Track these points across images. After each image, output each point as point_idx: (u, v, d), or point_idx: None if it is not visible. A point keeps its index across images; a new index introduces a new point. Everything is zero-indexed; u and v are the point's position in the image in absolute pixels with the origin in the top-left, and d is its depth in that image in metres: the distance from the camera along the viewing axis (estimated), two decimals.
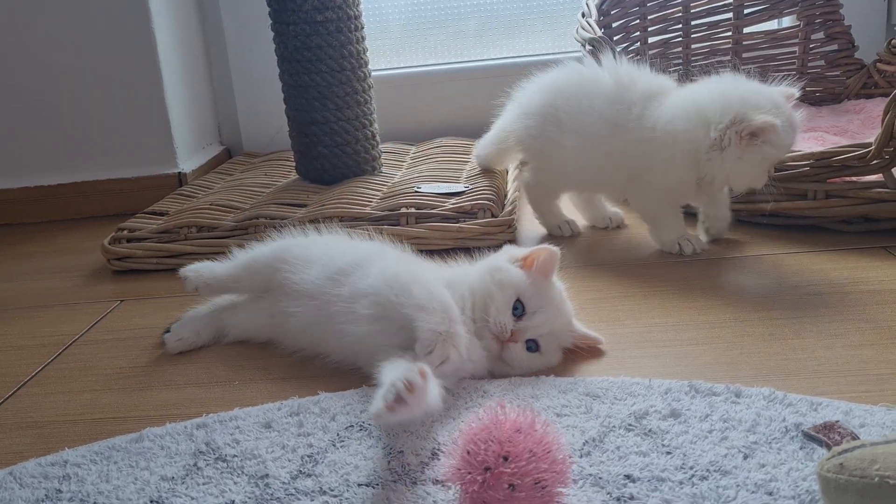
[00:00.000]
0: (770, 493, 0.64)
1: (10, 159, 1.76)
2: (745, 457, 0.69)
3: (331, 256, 0.95)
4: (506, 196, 1.43)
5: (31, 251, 1.57)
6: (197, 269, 1.04)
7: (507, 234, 1.31)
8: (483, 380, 0.86)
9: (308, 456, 0.75)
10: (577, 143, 1.21)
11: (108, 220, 1.67)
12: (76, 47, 1.69)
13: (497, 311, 0.85)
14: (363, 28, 1.56)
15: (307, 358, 0.95)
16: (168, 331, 1.03)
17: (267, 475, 0.73)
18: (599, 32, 1.49)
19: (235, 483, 0.72)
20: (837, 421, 0.69)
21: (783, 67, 1.76)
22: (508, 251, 0.92)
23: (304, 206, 1.43)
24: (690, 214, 1.28)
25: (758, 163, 1.11)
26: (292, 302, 0.94)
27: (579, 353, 0.91)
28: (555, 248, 0.88)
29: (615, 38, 1.71)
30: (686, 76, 1.84)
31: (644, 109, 1.17)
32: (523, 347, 0.86)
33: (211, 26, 1.97)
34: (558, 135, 1.23)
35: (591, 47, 1.45)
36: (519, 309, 0.86)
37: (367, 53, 1.57)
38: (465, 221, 1.31)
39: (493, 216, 1.31)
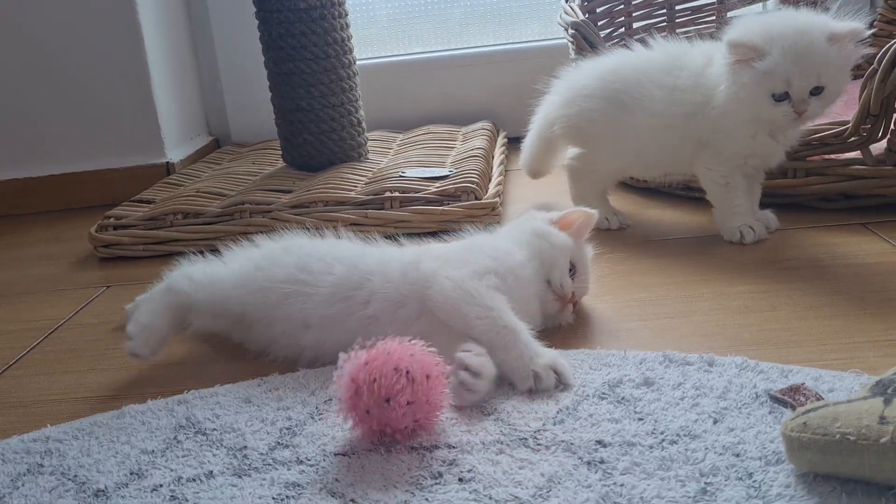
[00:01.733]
0: (737, 455, 0.65)
1: None
2: (715, 421, 0.70)
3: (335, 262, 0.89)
4: (490, 179, 1.44)
5: (19, 241, 1.58)
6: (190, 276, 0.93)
7: (491, 216, 1.32)
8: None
9: (286, 428, 0.76)
10: (642, 120, 1.16)
11: (96, 211, 1.67)
12: (63, 38, 1.70)
13: (561, 273, 0.89)
14: (347, 15, 1.56)
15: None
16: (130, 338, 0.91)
17: (245, 447, 0.74)
18: (582, 17, 1.50)
19: (214, 455, 0.73)
20: (803, 384, 0.71)
21: None
22: (539, 214, 0.96)
23: (290, 192, 1.44)
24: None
25: (746, 87, 1.04)
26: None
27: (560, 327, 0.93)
28: (592, 211, 0.94)
29: (599, 24, 1.71)
30: None
31: (704, 68, 1.13)
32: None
33: (197, 16, 1.97)
34: (620, 115, 1.18)
35: (573, 31, 1.46)
36: (572, 270, 0.91)
37: (352, 41, 1.58)
38: (448, 204, 1.32)
39: (476, 199, 1.32)
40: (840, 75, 1.04)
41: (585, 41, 1.45)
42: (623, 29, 1.79)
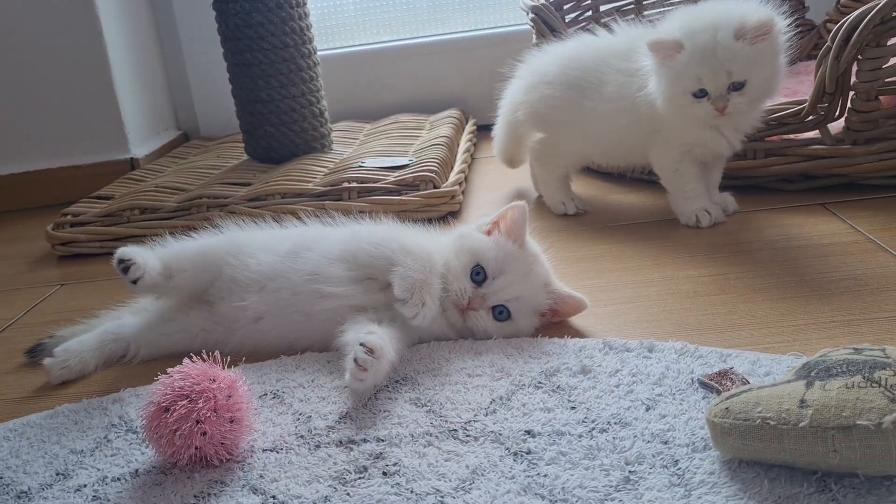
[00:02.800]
0: (665, 442, 0.64)
1: None
2: (648, 409, 0.69)
3: (284, 236, 0.92)
4: (452, 167, 1.42)
5: None
6: (141, 255, 0.88)
7: (450, 205, 1.30)
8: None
9: None
10: (599, 105, 1.15)
11: (59, 209, 1.64)
12: (20, 33, 1.67)
13: (454, 277, 0.83)
14: (306, 4, 1.54)
15: (259, 356, 0.87)
16: (41, 353, 0.91)
17: None
18: (543, 0, 1.47)
19: (142, 453, 0.72)
20: (731, 368, 0.69)
21: None
22: (481, 218, 0.90)
23: (250, 184, 1.42)
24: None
25: (666, 85, 1.05)
26: (246, 295, 0.87)
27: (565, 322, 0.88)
28: (520, 203, 0.85)
29: (566, 7, 1.69)
30: None
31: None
32: (488, 315, 0.83)
33: (161, 9, 1.95)
34: (580, 101, 1.17)
35: (534, 15, 1.44)
36: (480, 275, 0.83)
37: (312, 30, 1.56)
38: (407, 194, 1.30)
39: (435, 188, 1.31)
40: (760, 69, 1.01)
41: (546, 25, 1.43)
42: (590, 13, 1.77)
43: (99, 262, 1.32)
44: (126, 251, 0.87)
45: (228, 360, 0.74)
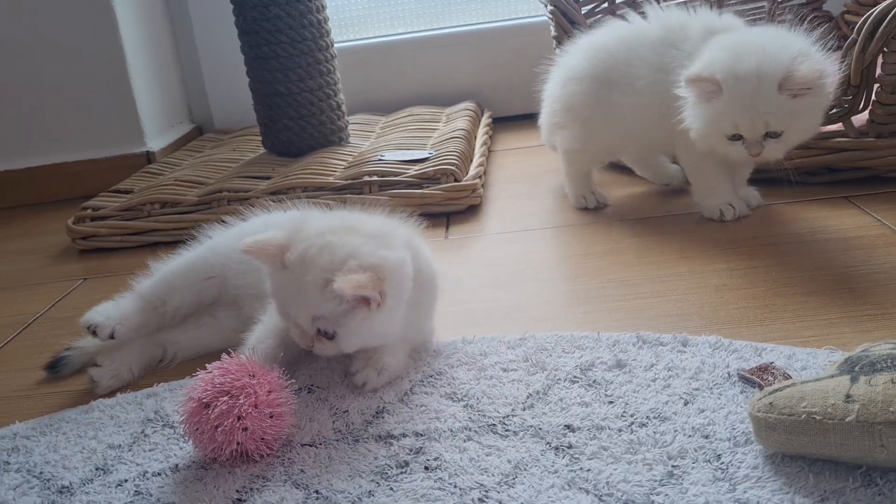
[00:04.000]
0: (706, 437, 0.64)
1: None
2: (686, 403, 0.69)
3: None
4: (472, 160, 1.42)
5: None
6: (102, 311, 0.87)
7: (471, 198, 1.30)
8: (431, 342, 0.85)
9: None
10: (630, 100, 1.12)
11: (76, 203, 1.64)
12: (37, 29, 1.67)
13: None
14: None
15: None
16: (64, 367, 0.90)
17: None
18: None
19: (181, 448, 0.72)
20: (772, 363, 0.69)
21: (752, 21, 1.74)
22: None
23: (269, 178, 1.42)
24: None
25: (701, 123, 1.03)
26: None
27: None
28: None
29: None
30: None
31: (695, 49, 1.06)
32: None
33: (174, 2, 1.94)
34: (609, 94, 1.14)
35: (552, 7, 1.43)
36: None
37: (329, 23, 1.55)
38: (428, 187, 1.30)
39: (456, 181, 1.31)
40: (799, 122, 0.99)
41: (565, 17, 1.42)
42: (606, 4, 1.76)
43: (121, 256, 1.33)
44: (86, 317, 0.86)
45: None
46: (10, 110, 1.72)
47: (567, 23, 1.42)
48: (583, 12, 1.66)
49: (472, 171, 1.36)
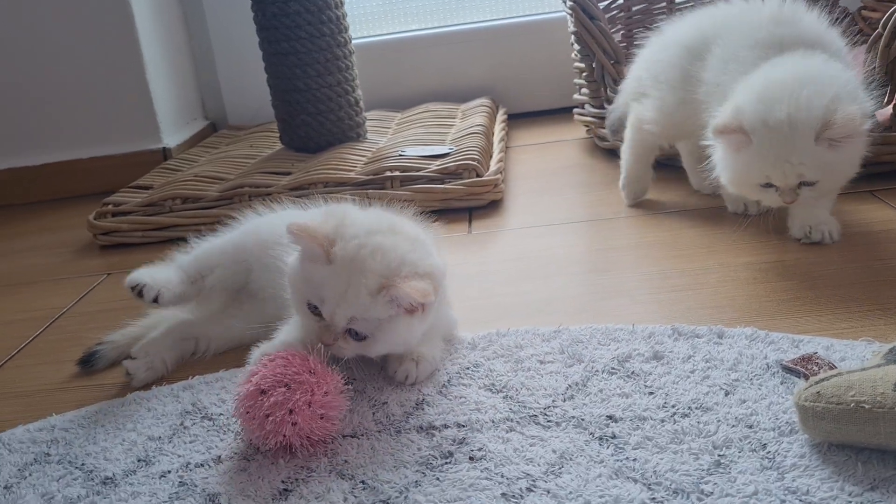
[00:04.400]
0: (750, 427, 0.64)
1: None
2: (727, 393, 0.69)
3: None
4: (491, 156, 1.42)
5: (18, 231, 1.56)
6: (149, 274, 0.87)
7: (493, 193, 1.31)
8: (468, 332, 0.86)
9: None
10: (712, 79, 1.03)
11: (94, 198, 1.65)
12: (56, 27, 1.67)
13: None
14: None
15: None
16: (98, 361, 0.91)
17: None
18: None
19: (222, 440, 0.73)
20: (815, 353, 0.70)
21: None
22: None
23: (289, 174, 1.42)
24: None
25: (733, 171, 0.97)
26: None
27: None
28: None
29: None
30: None
31: (779, 54, 0.97)
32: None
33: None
34: (695, 69, 1.05)
35: (572, 3, 1.43)
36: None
37: (347, 19, 1.55)
38: (450, 182, 1.30)
39: (478, 176, 1.31)
40: (836, 170, 0.92)
41: (584, 13, 1.42)
42: (622, 0, 1.76)
43: (142, 251, 1.33)
44: (133, 276, 0.86)
45: None
46: (29, 108, 1.72)
47: (587, 17, 1.42)
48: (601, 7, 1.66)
49: (493, 166, 1.36)
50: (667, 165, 1.38)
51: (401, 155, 1.41)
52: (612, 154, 1.49)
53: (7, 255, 1.41)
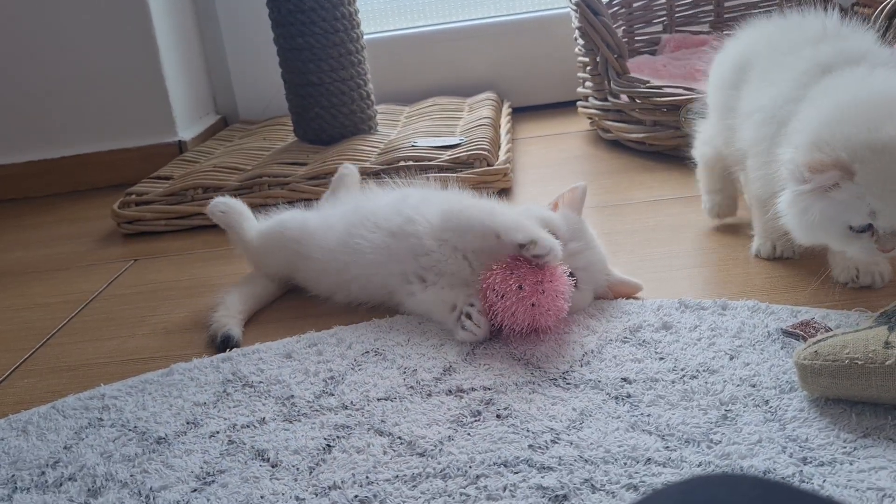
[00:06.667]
0: (753, 385, 0.70)
1: (12, 134, 1.79)
2: (731, 358, 0.75)
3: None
4: (500, 146, 1.48)
5: (40, 222, 1.61)
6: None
7: (503, 182, 1.36)
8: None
9: (329, 378, 0.81)
10: (748, 96, 0.92)
11: (112, 191, 1.71)
12: (73, 22, 1.72)
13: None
14: None
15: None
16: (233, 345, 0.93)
17: (292, 396, 0.78)
18: None
19: (264, 404, 0.78)
20: (813, 318, 0.76)
21: (765, 14, 1.80)
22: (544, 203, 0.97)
23: (305, 164, 1.48)
24: None
25: (816, 217, 0.77)
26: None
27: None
28: (582, 183, 0.94)
29: None
30: (671, 27, 1.88)
31: (823, 76, 0.83)
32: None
33: None
34: (740, 86, 0.95)
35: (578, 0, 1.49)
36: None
37: (359, 15, 1.61)
38: (462, 171, 1.36)
39: (489, 165, 1.37)
40: None
41: (589, 9, 1.48)
42: None
43: (165, 239, 1.38)
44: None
45: None
46: (46, 102, 1.77)
47: (591, 13, 1.48)
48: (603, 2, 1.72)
49: (502, 156, 1.42)
50: (668, 156, 1.44)
51: (413, 146, 1.46)
52: (616, 145, 1.55)
53: (33, 245, 1.47)
